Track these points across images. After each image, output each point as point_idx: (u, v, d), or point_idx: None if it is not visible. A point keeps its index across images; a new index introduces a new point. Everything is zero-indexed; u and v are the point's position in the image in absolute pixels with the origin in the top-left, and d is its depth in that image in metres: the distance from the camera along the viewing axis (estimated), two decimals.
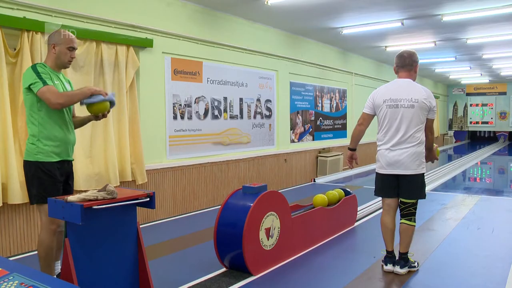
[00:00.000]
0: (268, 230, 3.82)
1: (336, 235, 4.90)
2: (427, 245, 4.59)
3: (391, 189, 3.70)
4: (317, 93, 10.42)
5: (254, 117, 8.16)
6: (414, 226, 3.68)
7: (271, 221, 3.88)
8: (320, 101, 10.53)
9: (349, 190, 5.41)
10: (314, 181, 8.80)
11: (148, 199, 2.88)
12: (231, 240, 3.60)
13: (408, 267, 3.72)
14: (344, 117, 11.74)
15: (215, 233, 3.70)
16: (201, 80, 6.98)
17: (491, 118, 22.52)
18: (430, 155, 3.78)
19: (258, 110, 8.27)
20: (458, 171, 11.29)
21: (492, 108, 22.51)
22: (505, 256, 4.08)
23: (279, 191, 7.25)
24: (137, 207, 2.90)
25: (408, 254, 3.76)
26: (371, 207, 6.19)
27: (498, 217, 5.84)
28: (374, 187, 3.89)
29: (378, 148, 3.75)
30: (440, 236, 4.93)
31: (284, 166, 9.06)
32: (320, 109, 10.56)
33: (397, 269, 3.69)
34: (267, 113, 8.55)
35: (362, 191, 7.66)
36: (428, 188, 8.04)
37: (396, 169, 3.64)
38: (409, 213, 3.67)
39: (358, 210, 5.62)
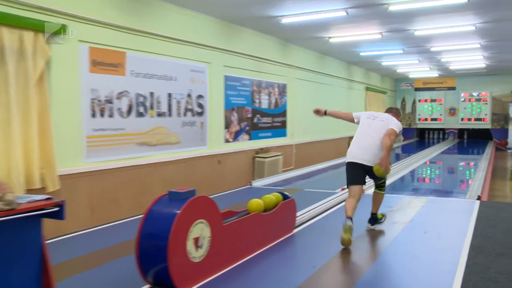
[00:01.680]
0: (197, 240, 3.83)
1: (273, 243, 4.98)
2: (373, 250, 4.78)
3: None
4: (255, 88, 10.51)
5: (184, 115, 8.12)
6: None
7: (200, 230, 3.88)
8: (257, 97, 10.64)
9: (287, 193, 5.51)
10: (251, 184, 8.88)
11: (57, 208, 2.80)
12: (154, 252, 3.57)
13: (377, 223, 5.61)
14: (283, 114, 11.93)
15: (136, 245, 3.66)
16: (123, 73, 6.86)
17: (440, 115, 23.76)
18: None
19: (189, 106, 8.24)
20: (406, 171, 11.82)
21: (441, 104, 23.76)
22: (452, 261, 4.32)
23: (212, 196, 7.25)
24: (43, 219, 2.81)
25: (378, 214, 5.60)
26: (312, 212, 6.34)
27: (446, 219, 6.17)
28: (315, 190, 4.29)
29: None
30: (387, 240, 5.14)
31: (217, 169, 9.07)
32: (258, 106, 10.67)
33: (369, 225, 5.58)
34: (199, 110, 8.53)
35: (302, 195, 7.82)
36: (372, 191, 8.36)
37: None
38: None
39: (297, 215, 5.73)
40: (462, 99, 23.15)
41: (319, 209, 6.55)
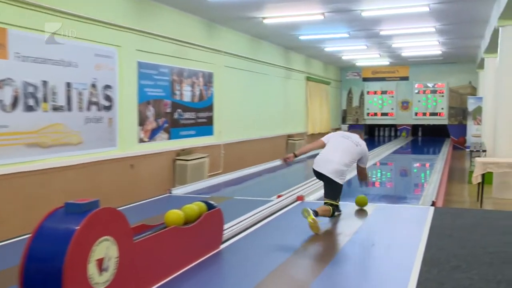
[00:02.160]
0: (101, 262, 3.73)
1: (196, 262, 4.95)
2: (312, 267, 4.84)
3: None
4: (175, 77, 10.43)
5: (88, 109, 7.94)
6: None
7: (106, 249, 3.79)
8: (178, 88, 10.57)
9: (213, 203, 5.49)
10: (170, 192, 8.80)
11: None
12: (45, 280, 3.43)
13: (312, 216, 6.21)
14: (210, 108, 11.93)
15: (21, 272, 3.50)
16: (5, 56, 6.59)
17: (392, 109, 24.58)
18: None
19: (94, 99, 8.06)
20: (352, 174, 12.08)
21: (392, 97, 24.59)
22: (402, 277, 4.44)
23: (122, 207, 7.11)
24: None
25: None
26: (243, 224, 6.36)
27: (396, 229, 6.36)
28: (247, 198, 4.34)
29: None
30: (328, 255, 5.22)
31: (129, 174, 8.94)
32: (179, 98, 10.60)
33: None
34: (106, 104, 8.37)
35: (231, 204, 7.85)
36: (313, 197, 8.50)
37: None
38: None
39: (225, 228, 5.73)
40: (416, 91, 24.08)
41: (252, 220, 6.56)
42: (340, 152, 6.48)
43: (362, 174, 6.93)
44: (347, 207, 7.50)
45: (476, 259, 4.83)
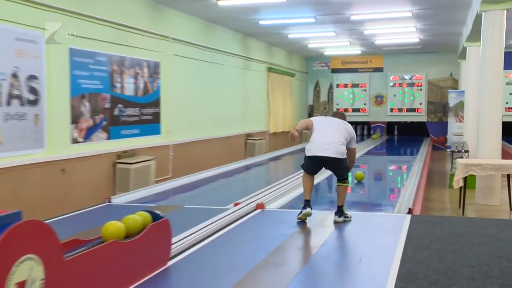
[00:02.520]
0: (22, 285, 3.63)
1: (140, 281, 4.89)
2: (273, 285, 4.82)
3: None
4: (115, 67, 10.33)
5: (8, 104, 7.80)
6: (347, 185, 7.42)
7: (29, 269, 3.69)
8: (119, 80, 10.47)
9: (159, 212, 5.44)
10: (110, 201, 8.70)
11: None
12: None
13: (344, 217, 7.23)
14: (156, 103, 11.84)
15: None
16: None
17: (364, 104, 24.82)
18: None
19: (15, 92, 7.92)
20: (320, 179, 12.15)
21: (365, 90, 24.83)
22: None
23: (51, 220, 6.98)
24: None
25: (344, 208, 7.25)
26: (195, 236, 6.31)
27: (370, 240, 6.39)
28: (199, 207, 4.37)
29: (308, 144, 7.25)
30: (292, 271, 5.22)
31: (61, 180, 8.83)
32: (120, 92, 10.51)
33: (336, 218, 7.16)
34: (32, 97, 8.23)
35: (181, 213, 7.80)
36: (275, 205, 8.51)
37: None
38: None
39: (173, 241, 5.68)
40: (391, 84, 24.34)
41: (205, 233, 6.52)
42: (334, 132, 7.11)
43: (353, 156, 7.65)
44: (317, 215, 7.52)
45: (457, 273, 4.89)
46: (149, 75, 11.57)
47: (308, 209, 7.10)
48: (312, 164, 7.25)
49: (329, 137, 7.09)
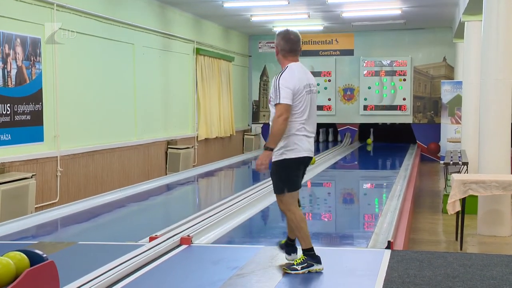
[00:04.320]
0: None
1: None
2: None
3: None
4: None
5: None
6: None
7: None
8: None
9: (40, 253, 5.39)
10: None
11: None
12: None
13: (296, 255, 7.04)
14: (37, 97, 11.71)
15: None
16: None
17: (329, 100, 25.00)
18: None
19: None
20: (269, 202, 12.17)
21: (329, 81, 25.05)
22: None
23: None
24: None
25: None
26: (93, 285, 6.26)
27: (337, 285, 6.52)
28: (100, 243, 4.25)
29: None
30: None
31: None
32: None
33: (287, 256, 7.05)
34: None
35: (74, 253, 7.78)
36: (206, 239, 8.52)
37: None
38: None
39: None
40: (365, 72, 24.64)
41: (108, 279, 6.48)
42: (315, 117, 7.08)
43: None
44: (258, 253, 7.54)
45: None
46: (25, 57, 11.41)
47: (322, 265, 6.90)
48: (300, 174, 7.12)
49: (314, 129, 7.08)
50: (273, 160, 6.75)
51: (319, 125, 25.75)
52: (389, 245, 7.81)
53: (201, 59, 20.07)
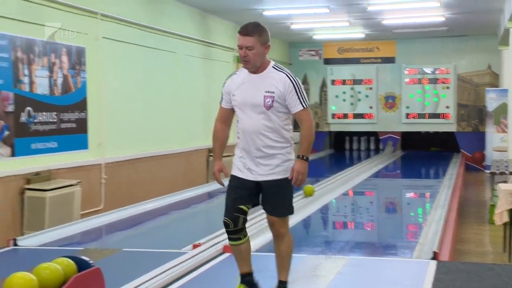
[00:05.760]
0: None
1: None
2: None
3: None
4: (20, 54, 10.31)
5: None
6: None
7: None
8: (27, 73, 10.46)
9: (87, 259, 5.40)
10: (16, 243, 8.62)
11: None
12: None
13: None
14: (81, 105, 11.79)
15: None
16: None
17: (370, 108, 24.87)
18: None
19: None
20: (311, 210, 12.14)
21: (371, 89, 24.91)
22: None
23: None
24: None
25: None
26: None
27: None
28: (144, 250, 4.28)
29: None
30: None
31: None
32: (28, 90, 10.50)
33: None
34: None
35: (118, 260, 7.80)
36: (255, 246, 8.44)
37: None
38: None
39: None
40: (406, 80, 24.48)
41: (153, 286, 6.49)
42: None
43: None
44: (301, 261, 7.48)
45: None
46: (71, 66, 11.48)
47: None
48: None
49: None
50: (279, 177, 6.05)
51: (360, 133, 25.79)
52: (435, 256, 7.70)
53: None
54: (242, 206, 6.07)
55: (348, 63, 25.01)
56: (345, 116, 25.02)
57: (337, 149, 26.24)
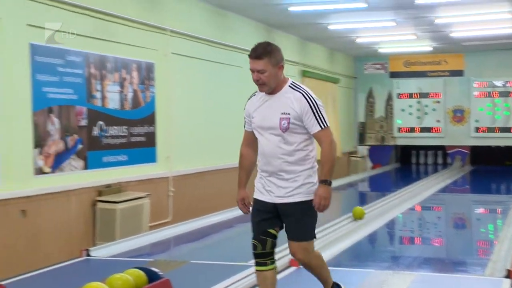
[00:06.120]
0: None
1: None
2: None
3: None
4: (93, 70, 10.44)
5: None
6: None
7: None
8: (99, 87, 10.59)
9: (156, 270, 5.48)
10: (88, 254, 8.75)
11: None
12: None
13: None
14: (150, 120, 11.91)
15: None
16: None
17: (438, 121, 24.63)
18: None
19: None
20: (377, 225, 12.08)
21: (438, 102, 24.67)
22: None
23: (7, 280, 7.04)
24: None
25: None
26: None
27: None
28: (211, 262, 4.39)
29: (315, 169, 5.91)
30: None
31: (20, 226, 8.90)
32: (100, 104, 10.62)
33: None
34: None
35: (186, 272, 7.85)
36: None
37: None
38: None
39: None
40: (476, 93, 24.17)
41: None
42: None
43: None
44: (368, 277, 7.46)
45: None
46: (140, 81, 11.63)
47: None
48: None
49: None
50: (297, 200, 5.76)
51: (427, 147, 25.53)
52: (508, 274, 7.53)
53: (307, 81, 20.07)
54: (269, 230, 5.83)
55: (414, 77, 24.80)
56: (412, 129, 24.81)
57: (403, 163, 26.07)
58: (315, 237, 5.89)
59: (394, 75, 25.11)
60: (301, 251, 5.77)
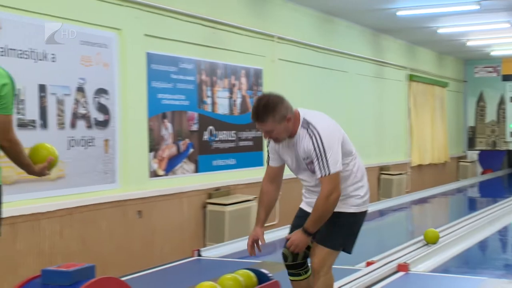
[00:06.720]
0: None
1: None
2: None
3: None
4: (204, 77, 10.62)
5: (72, 126, 8.12)
6: None
7: None
8: (209, 94, 10.76)
9: (266, 272, 5.58)
10: (200, 254, 8.94)
11: None
12: None
13: None
14: None
15: None
16: None
17: None
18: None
19: (81, 110, 8.24)
20: (488, 232, 11.87)
21: None
22: None
23: (127, 277, 7.20)
24: None
25: None
26: None
27: None
28: None
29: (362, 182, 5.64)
30: None
31: (136, 225, 9.13)
32: (211, 110, 10.81)
33: None
34: (101, 118, 8.56)
35: None
36: (428, 267, 8.45)
37: None
38: None
39: None
40: None
41: None
42: None
43: None
44: (480, 284, 7.39)
45: None
46: (249, 87, 11.82)
47: None
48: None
49: None
50: (356, 211, 5.57)
51: None
52: None
53: (414, 85, 19.97)
54: None
55: None
56: None
57: None
58: (340, 249, 5.59)
59: (507, 78, 24.53)
60: (319, 255, 5.43)
